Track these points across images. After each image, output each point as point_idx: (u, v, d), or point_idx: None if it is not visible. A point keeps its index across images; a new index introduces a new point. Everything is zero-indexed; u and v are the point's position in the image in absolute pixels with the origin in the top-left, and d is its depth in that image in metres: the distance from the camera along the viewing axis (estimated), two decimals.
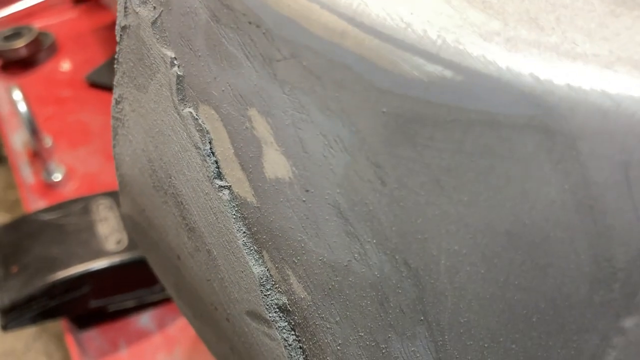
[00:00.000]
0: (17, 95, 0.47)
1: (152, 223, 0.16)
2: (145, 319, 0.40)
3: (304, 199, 0.12)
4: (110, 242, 0.38)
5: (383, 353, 0.12)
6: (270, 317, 0.13)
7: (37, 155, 0.51)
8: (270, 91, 0.12)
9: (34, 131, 0.48)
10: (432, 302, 0.11)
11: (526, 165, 0.10)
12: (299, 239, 0.12)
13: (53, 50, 0.64)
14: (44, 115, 0.56)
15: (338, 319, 0.12)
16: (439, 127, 0.10)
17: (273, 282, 0.13)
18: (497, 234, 0.11)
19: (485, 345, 0.11)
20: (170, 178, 0.15)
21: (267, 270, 0.13)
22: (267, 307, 0.13)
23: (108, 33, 0.66)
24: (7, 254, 0.38)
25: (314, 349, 0.13)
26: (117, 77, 0.16)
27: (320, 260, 0.12)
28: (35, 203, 0.48)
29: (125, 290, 0.38)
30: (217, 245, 0.14)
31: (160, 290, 0.39)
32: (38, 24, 0.66)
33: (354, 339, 0.12)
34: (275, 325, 0.13)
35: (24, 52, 0.60)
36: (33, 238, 0.38)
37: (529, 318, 0.11)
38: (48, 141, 0.53)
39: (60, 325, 0.37)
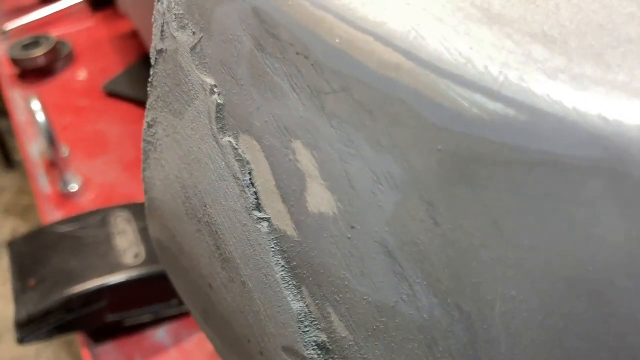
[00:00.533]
0: (35, 105, 0.46)
1: (183, 250, 0.16)
2: (161, 334, 0.39)
3: (349, 236, 0.12)
4: (128, 256, 0.38)
5: None
6: (307, 354, 0.13)
7: (54, 165, 0.51)
8: (317, 124, 0.11)
9: (52, 141, 0.48)
10: (485, 348, 0.11)
11: (592, 209, 0.10)
12: (343, 276, 0.12)
13: (70, 59, 0.64)
14: (61, 125, 0.56)
15: (379, 355, 0.12)
16: (499, 167, 0.10)
17: (312, 319, 0.13)
18: (558, 280, 0.10)
19: None
20: (206, 207, 0.14)
21: (307, 306, 0.13)
22: (305, 344, 0.13)
23: (126, 42, 0.66)
24: (25, 266, 0.38)
25: None
26: (150, 101, 0.16)
27: (364, 299, 0.12)
28: (52, 214, 0.47)
29: (142, 304, 0.38)
30: (253, 278, 0.14)
31: (177, 305, 0.39)
32: (56, 33, 0.66)
33: None
34: None
35: (42, 62, 0.61)
36: (50, 250, 0.38)
37: None
38: (65, 151, 0.53)
39: (72, 333, 0.36)
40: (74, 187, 0.50)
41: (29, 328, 0.35)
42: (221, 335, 0.17)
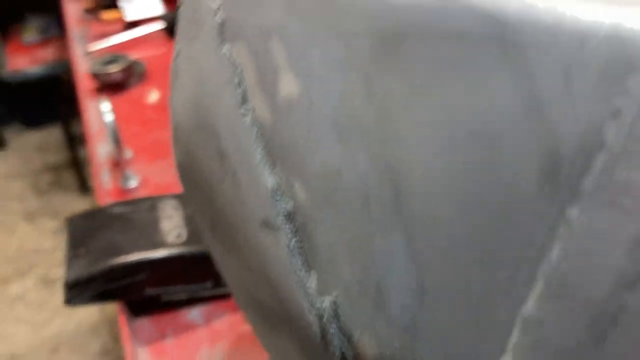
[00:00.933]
0: (105, 106, 0.52)
1: (195, 161, 0.19)
2: (194, 313, 0.42)
3: (308, 113, 0.14)
4: (170, 236, 0.41)
5: (364, 247, 0.14)
6: (277, 222, 0.15)
7: (117, 165, 0.56)
8: (288, 22, 0.14)
9: (117, 141, 0.53)
10: (406, 198, 0.13)
11: (486, 74, 0.12)
12: (304, 148, 0.14)
13: (143, 77, 0.70)
14: (129, 133, 0.62)
15: (330, 220, 0.14)
16: (417, 42, 0.13)
17: (282, 191, 0.15)
18: (461, 134, 0.12)
19: (448, 233, 0.13)
20: (209, 113, 0.17)
21: (279, 180, 0.15)
22: (276, 213, 0.15)
23: None
24: (78, 239, 0.42)
25: (309, 249, 0.15)
26: (176, 37, 0.19)
27: (319, 167, 0.14)
28: None
29: (178, 282, 0.41)
30: (240, 165, 0.16)
31: (211, 287, 0.42)
32: (133, 55, 0.73)
33: (342, 238, 0.14)
34: (281, 230, 0.15)
35: (117, 77, 0.67)
36: (102, 227, 0.42)
37: (488, 210, 0.12)
38: (128, 153, 0.57)
39: (113, 301, 0.40)
40: (133, 184, 0.54)
41: (75, 290, 0.39)
42: (222, 240, 0.19)
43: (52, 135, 1.94)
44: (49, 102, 1.89)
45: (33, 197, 1.76)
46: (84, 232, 0.42)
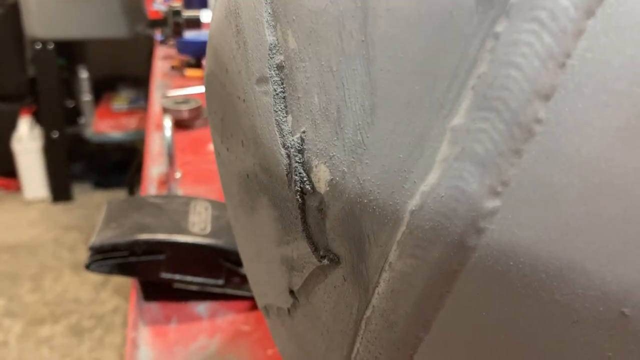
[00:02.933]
0: (167, 122, 0.57)
1: (217, 53, 0.22)
2: (201, 307, 0.43)
3: None
4: (195, 227, 0.44)
5: (334, 74, 0.16)
6: (269, 74, 0.18)
7: (165, 183, 0.60)
8: None
9: (170, 157, 0.57)
10: (372, 23, 0.15)
11: None
12: None
13: (208, 122, 0.76)
14: (183, 160, 0.66)
15: (310, 57, 0.17)
16: None
17: (278, 46, 0.18)
18: None
19: (400, 52, 0.15)
20: (239, 17, 0.21)
21: (277, 38, 0.18)
22: (270, 66, 0.18)
23: None
24: (112, 216, 0.45)
25: (290, 93, 0.17)
26: None
27: (308, 9, 0.17)
28: None
29: (193, 272, 0.43)
30: (249, 28, 0.19)
31: (223, 285, 0.43)
32: (203, 101, 0.80)
33: (317, 71, 0.17)
34: (271, 80, 0.18)
35: (185, 115, 0.73)
36: (136, 210, 0.45)
37: (432, 27, 0.14)
38: (178, 174, 0.62)
39: (130, 276, 0.42)
40: None
41: (98, 256, 0.41)
42: (230, 129, 0.22)
43: (117, 196, 2.04)
44: (121, 168, 2.02)
45: (85, 249, 1.83)
46: (119, 211, 0.45)
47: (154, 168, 0.64)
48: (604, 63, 0.13)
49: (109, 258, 0.41)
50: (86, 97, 2.01)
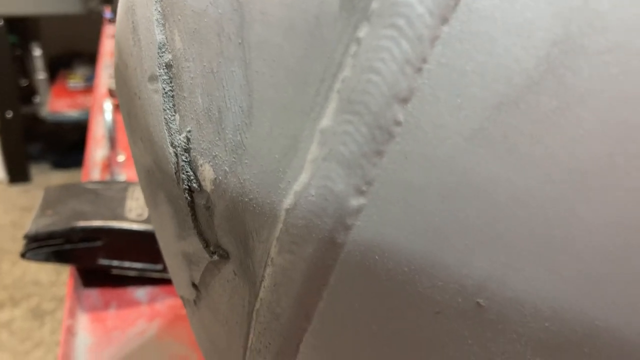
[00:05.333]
0: (108, 105, 0.56)
1: (119, 49, 0.22)
2: (140, 293, 0.44)
3: None
4: (132, 213, 0.44)
5: (215, 75, 0.16)
6: (159, 73, 0.18)
7: (107, 167, 0.60)
8: None
9: (112, 141, 0.57)
10: (248, 27, 0.16)
11: None
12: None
13: None
14: (127, 143, 0.66)
15: (193, 58, 0.17)
16: None
17: (166, 45, 0.18)
18: None
19: (274, 56, 0.15)
20: (134, 10, 0.21)
21: (165, 36, 0.18)
22: (159, 65, 0.18)
23: None
24: (49, 203, 0.44)
25: (178, 92, 0.18)
26: None
27: (191, 9, 0.17)
28: None
29: (131, 258, 0.43)
30: (142, 26, 0.19)
31: (162, 270, 0.44)
32: None
33: (200, 72, 0.17)
34: (160, 79, 0.18)
35: None
36: (73, 197, 0.45)
37: (302, 32, 0.15)
38: (121, 157, 0.61)
39: (67, 263, 0.42)
40: None
41: (34, 244, 0.41)
42: (132, 125, 0.22)
43: (75, 177, 2.01)
44: (80, 147, 1.98)
45: None
46: (56, 199, 0.45)
47: (97, 151, 0.64)
48: (458, 68, 0.14)
49: (45, 246, 0.41)
50: (41, 75, 1.96)
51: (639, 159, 0.13)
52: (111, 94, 0.73)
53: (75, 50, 2.10)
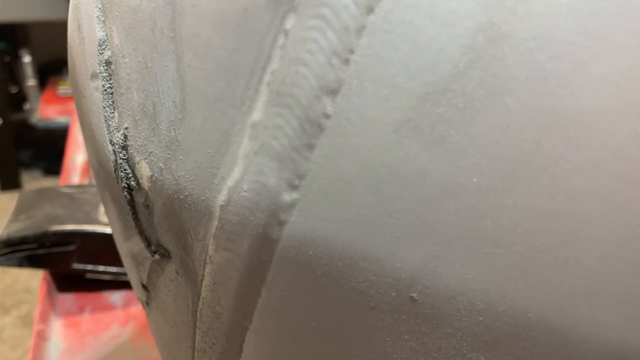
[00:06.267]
0: None
1: (72, 58, 0.22)
2: (115, 297, 0.43)
3: None
4: (106, 217, 0.43)
5: (149, 70, 0.16)
6: (99, 70, 0.18)
7: (87, 171, 0.59)
8: None
9: None
10: (180, 20, 0.15)
11: None
12: None
13: None
14: None
15: (129, 53, 0.17)
16: None
17: (107, 43, 0.18)
18: None
19: (204, 50, 0.15)
20: (79, 7, 0.20)
21: (105, 33, 0.18)
22: (99, 62, 0.18)
23: None
24: (22, 207, 0.44)
25: (116, 89, 0.17)
26: None
27: (127, 5, 0.17)
28: None
29: (105, 262, 0.43)
30: (85, 23, 0.19)
31: None
32: None
33: (135, 68, 0.17)
34: (100, 76, 0.18)
35: None
36: (48, 201, 0.45)
37: (230, 25, 0.15)
38: None
39: (40, 268, 0.41)
40: None
41: (6, 249, 0.41)
42: (80, 125, 0.22)
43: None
44: None
45: None
46: (30, 203, 0.44)
47: (77, 156, 0.63)
48: (384, 59, 0.13)
49: (18, 251, 0.41)
50: (30, 82, 1.95)
51: (566, 146, 0.13)
52: None
53: (65, 57, 2.09)
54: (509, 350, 0.14)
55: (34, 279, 1.61)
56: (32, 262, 0.42)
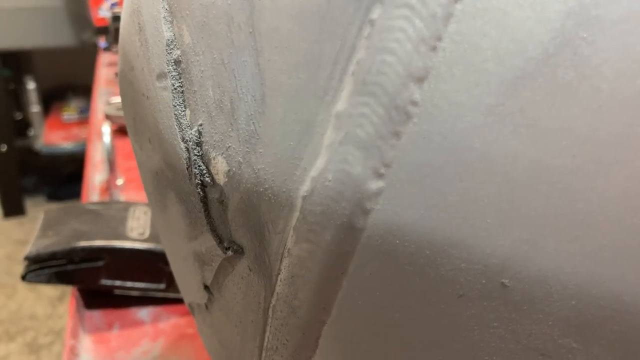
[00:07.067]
0: (106, 128, 0.56)
1: (125, 51, 0.22)
2: (143, 313, 0.43)
3: None
4: (134, 232, 0.43)
5: (226, 66, 0.16)
6: (168, 70, 0.18)
7: (107, 190, 0.59)
8: None
9: (111, 163, 0.56)
10: (258, 15, 0.16)
11: None
12: None
13: None
14: (127, 167, 0.65)
15: (203, 51, 0.17)
16: None
17: (175, 41, 0.18)
18: None
19: (285, 43, 0.15)
20: (140, 11, 0.21)
21: (173, 33, 0.18)
22: (168, 62, 0.18)
23: None
24: (49, 224, 0.44)
25: (187, 87, 0.17)
26: None
27: (199, 3, 0.17)
28: None
29: (133, 277, 0.43)
30: (149, 25, 0.19)
31: (165, 289, 0.43)
32: None
33: (210, 64, 0.17)
34: (169, 75, 0.18)
35: None
36: (73, 218, 0.44)
37: (312, 17, 0.15)
38: (120, 180, 0.61)
39: (69, 284, 0.41)
40: None
41: (34, 266, 0.41)
42: (139, 128, 0.22)
43: None
44: (75, 179, 1.98)
45: None
46: (56, 220, 0.44)
47: (96, 176, 0.63)
48: (473, 45, 0.14)
49: (47, 267, 0.41)
50: (35, 108, 1.96)
51: None
52: (108, 118, 0.73)
53: (68, 83, 2.11)
54: (602, 334, 0.14)
55: (39, 305, 1.60)
56: (60, 278, 0.41)
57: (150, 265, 0.42)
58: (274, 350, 0.18)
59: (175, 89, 0.18)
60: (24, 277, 0.41)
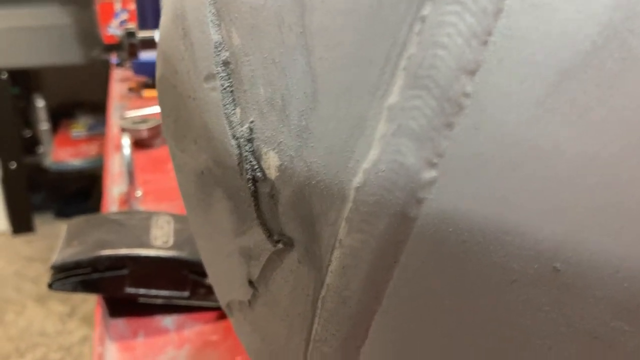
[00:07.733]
0: (125, 141, 0.57)
1: (167, 57, 0.23)
2: (167, 320, 0.43)
3: None
4: (158, 241, 0.44)
5: (276, 65, 0.17)
6: (216, 71, 0.19)
7: (126, 202, 0.60)
8: None
9: (130, 175, 0.57)
10: (309, 15, 0.16)
11: None
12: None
13: None
14: (144, 179, 0.66)
15: (253, 51, 0.18)
16: None
17: (223, 44, 0.19)
18: None
19: (337, 41, 0.16)
20: (184, 16, 0.21)
21: (222, 35, 0.19)
22: (216, 63, 0.19)
23: None
24: (73, 234, 0.45)
25: (237, 87, 0.18)
26: None
27: (249, 6, 0.18)
28: None
29: (158, 285, 0.43)
30: (195, 29, 0.20)
31: (189, 297, 0.43)
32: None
33: (261, 64, 0.17)
34: (218, 76, 0.19)
35: (145, 134, 0.73)
36: (97, 228, 0.45)
37: (363, 15, 0.15)
38: (139, 192, 0.61)
39: (94, 292, 0.41)
40: None
41: (60, 274, 0.41)
42: (181, 129, 0.23)
43: None
44: (83, 196, 1.99)
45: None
46: (80, 230, 0.45)
47: (114, 188, 0.64)
48: (523, 39, 0.14)
49: (72, 276, 0.41)
50: (44, 125, 1.97)
51: None
52: (124, 131, 0.74)
53: (77, 100, 2.13)
54: None
55: (49, 322, 1.60)
56: (86, 286, 0.42)
57: (174, 274, 0.43)
58: (322, 341, 0.18)
59: (224, 89, 0.18)
60: (50, 286, 0.41)
